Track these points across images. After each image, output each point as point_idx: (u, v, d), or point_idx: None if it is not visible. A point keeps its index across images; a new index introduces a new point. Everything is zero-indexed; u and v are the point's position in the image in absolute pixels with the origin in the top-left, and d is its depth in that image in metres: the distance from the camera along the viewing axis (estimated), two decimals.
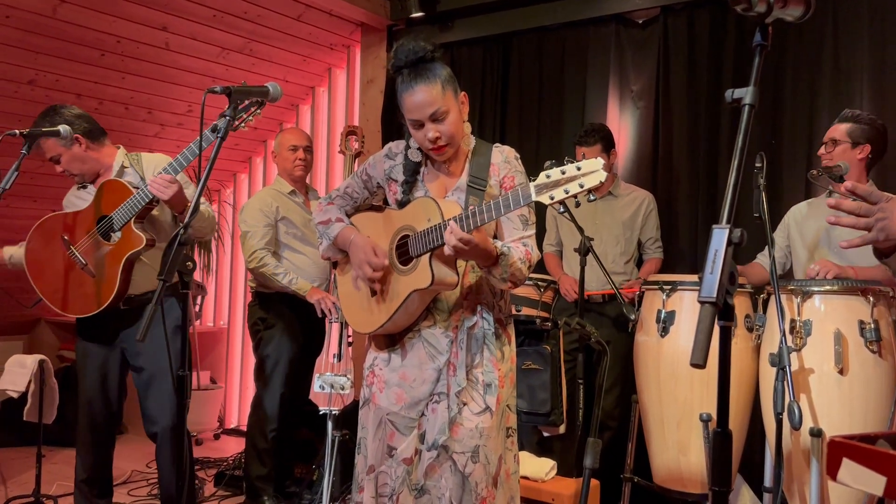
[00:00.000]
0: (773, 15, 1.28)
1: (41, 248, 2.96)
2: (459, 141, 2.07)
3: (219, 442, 5.26)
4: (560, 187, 1.72)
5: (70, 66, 3.97)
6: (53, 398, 3.79)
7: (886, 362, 2.45)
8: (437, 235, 1.91)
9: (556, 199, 1.72)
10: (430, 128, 1.99)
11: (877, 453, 1.05)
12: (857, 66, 3.45)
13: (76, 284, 2.88)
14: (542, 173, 1.75)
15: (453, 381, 2.02)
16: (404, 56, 1.98)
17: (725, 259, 1.16)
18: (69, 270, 2.89)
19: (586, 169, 1.70)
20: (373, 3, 4.67)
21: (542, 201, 1.75)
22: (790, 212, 3.08)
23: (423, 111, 1.97)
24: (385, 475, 2.06)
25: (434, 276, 1.93)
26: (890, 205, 1.49)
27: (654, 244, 3.73)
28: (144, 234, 2.77)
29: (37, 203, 4.48)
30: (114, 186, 2.83)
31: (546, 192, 1.74)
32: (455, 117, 2.01)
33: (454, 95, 2.02)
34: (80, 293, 2.87)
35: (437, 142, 2.00)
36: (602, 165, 1.69)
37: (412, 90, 1.97)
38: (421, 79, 1.96)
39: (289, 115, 5.34)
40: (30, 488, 3.66)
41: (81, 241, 2.87)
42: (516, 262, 1.96)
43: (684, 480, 2.82)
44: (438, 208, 1.94)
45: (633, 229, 3.70)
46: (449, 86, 1.99)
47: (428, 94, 1.96)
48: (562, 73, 4.32)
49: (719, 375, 1.22)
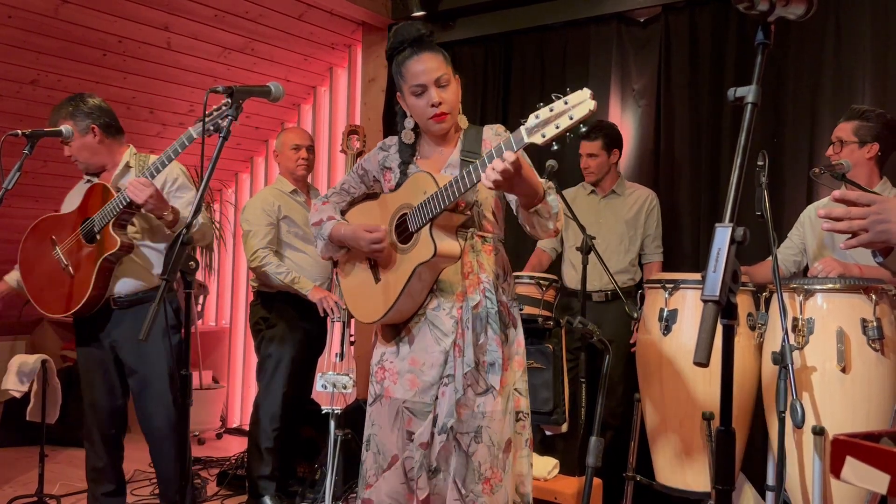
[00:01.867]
0: (776, 13, 1.28)
1: (33, 247, 2.98)
2: (457, 115, 2.13)
3: (221, 441, 5.26)
4: (551, 124, 1.74)
5: (72, 66, 3.97)
6: (56, 398, 3.80)
7: (889, 360, 2.45)
8: (436, 204, 1.93)
9: (549, 136, 1.73)
10: (434, 92, 2.05)
11: (881, 451, 1.05)
12: (860, 63, 3.45)
13: (57, 284, 2.88)
14: (530, 115, 1.76)
15: (460, 362, 2.02)
16: (406, 33, 2.09)
17: (728, 258, 1.16)
18: (53, 271, 2.89)
19: (574, 101, 1.72)
20: (374, 3, 4.67)
21: (535, 141, 1.75)
22: (807, 209, 3.06)
23: (430, 75, 2.04)
24: (410, 460, 2.07)
25: (436, 246, 1.93)
26: (888, 206, 1.48)
27: (652, 243, 3.73)
28: (121, 238, 2.76)
29: (38, 203, 4.48)
30: (100, 189, 2.84)
31: (538, 131, 1.75)
32: (455, 89, 2.10)
33: (453, 73, 2.11)
34: (58, 293, 2.87)
35: (441, 107, 2.05)
36: (590, 94, 1.70)
37: (419, 57, 2.05)
38: (426, 49, 2.07)
39: (290, 114, 5.35)
40: (33, 488, 3.67)
41: (66, 242, 2.88)
42: (556, 204, 1.99)
43: (687, 479, 2.82)
44: (433, 179, 1.97)
45: (636, 228, 3.70)
46: (449, 63, 2.09)
47: (434, 60, 2.05)
48: (563, 71, 4.31)
49: (722, 374, 1.22)
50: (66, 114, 2.89)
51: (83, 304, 2.79)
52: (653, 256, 3.75)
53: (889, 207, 1.48)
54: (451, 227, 2.00)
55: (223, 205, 5.70)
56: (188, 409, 2.05)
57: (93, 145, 2.92)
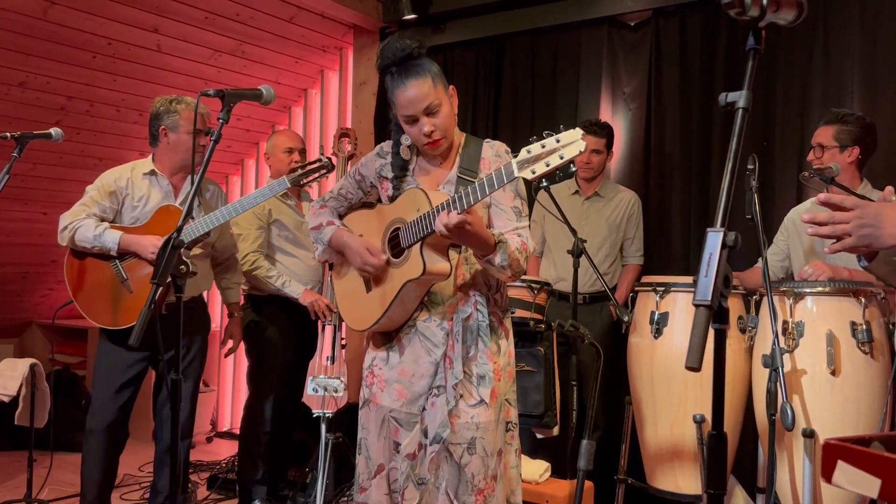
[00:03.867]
0: (767, 19, 1.29)
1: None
2: (453, 134, 2.09)
3: (211, 445, 5.24)
4: (541, 161, 1.73)
5: (61, 68, 3.95)
6: (45, 402, 3.77)
7: (878, 363, 2.46)
8: (427, 224, 1.92)
9: (538, 172, 1.73)
10: (424, 122, 2.01)
11: (871, 456, 1.06)
12: (848, 68, 3.47)
13: (111, 297, 2.92)
14: (522, 149, 1.76)
15: (450, 373, 2.02)
16: (391, 54, 2.01)
17: (720, 262, 1.17)
18: (109, 282, 2.93)
19: (565, 140, 1.71)
20: (365, 6, 4.67)
21: (525, 176, 1.76)
22: (790, 214, 3.07)
23: (417, 106, 2.00)
24: (395, 471, 2.07)
25: (426, 265, 1.93)
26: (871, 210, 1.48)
27: (632, 246, 3.74)
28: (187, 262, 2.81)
29: (27, 206, 4.45)
30: (170, 211, 2.93)
31: (528, 166, 1.75)
32: (448, 110, 2.05)
33: (444, 89, 2.05)
34: (114, 306, 2.92)
35: (433, 135, 2.03)
36: (581, 135, 1.70)
37: (404, 86, 1.99)
38: (412, 75, 1.99)
39: (281, 116, 5.33)
40: (21, 493, 3.64)
41: (129, 257, 2.93)
42: (514, 251, 1.97)
43: (678, 482, 2.82)
44: (427, 197, 1.96)
45: (619, 231, 3.71)
46: (439, 80, 2.03)
47: (420, 89, 1.98)
48: (554, 74, 4.32)
49: (714, 379, 1.23)
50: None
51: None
52: (632, 259, 3.76)
53: (872, 212, 1.48)
54: (443, 246, 1.99)
55: None
56: (178, 414, 2.05)
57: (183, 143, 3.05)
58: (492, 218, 2.11)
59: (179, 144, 3.03)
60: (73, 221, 2.91)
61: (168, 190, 3.05)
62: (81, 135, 4.35)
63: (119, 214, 3.02)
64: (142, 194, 3.02)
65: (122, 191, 3.01)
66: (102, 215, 2.97)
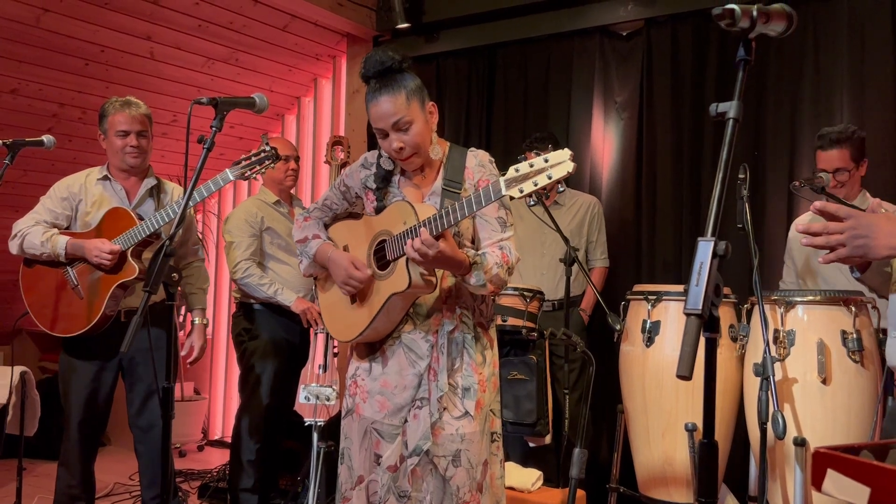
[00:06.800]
0: (757, 30, 1.30)
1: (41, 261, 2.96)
2: (427, 151, 2.07)
3: (203, 453, 5.21)
4: (529, 180, 1.74)
5: (54, 76, 3.95)
6: (35, 410, 3.74)
7: (868, 372, 2.47)
8: (413, 237, 1.92)
9: (526, 191, 1.75)
10: (393, 137, 2.01)
11: (861, 464, 1.06)
12: (838, 78, 3.51)
13: (64, 303, 2.88)
14: (510, 168, 1.77)
15: (434, 386, 2.02)
16: (371, 66, 2.01)
17: (711, 271, 1.17)
18: (60, 289, 2.89)
19: (554, 160, 1.73)
20: (359, 14, 4.68)
21: (512, 195, 1.77)
22: (793, 224, 3.12)
23: (386, 121, 2.00)
24: (375, 483, 2.06)
25: (411, 279, 1.94)
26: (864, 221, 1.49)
27: (597, 249, 3.75)
28: (139, 265, 2.80)
29: (18, 213, 4.37)
30: (119, 214, 2.87)
31: (515, 185, 1.76)
32: (420, 128, 2.02)
33: (420, 105, 2.03)
34: (65, 312, 2.88)
35: (402, 152, 2.02)
36: (569, 156, 1.72)
37: (377, 100, 2.00)
38: (386, 89, 1.99)
39: (274, 124, 5.34)
40: (10, 501, 3.61)
41: (79, 261, 2.87)
42: (492, 267, 1.97)
43: (669, 489, 2.82)
44: (414, 211, 1.96)
45: (580, 236, 3.72)
46: (415, 96, 2.01)
47: (391, 104, 1.98)
48: (546, 84, 4.34)
49: (705, 388, 1.23)
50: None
51: (90, 328, 2.82)
52: (597, 262, 3.77)
53: (865, 223, 1.49)
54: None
55: (206, 215, 5.66)
56: (170, 422, 2.04)
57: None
58: (476, 228, 2.11)
59: (110, 147, 2.99)
60: (21, 229, 2.90)
61: (122, 195, 3.02)
62: (73, 142, 4.34)
63: (73, 220, 2.99)
64: (94, 199, 2.99)
65: (75, 196, 2.97)
66: (55, 222, 2.94)
